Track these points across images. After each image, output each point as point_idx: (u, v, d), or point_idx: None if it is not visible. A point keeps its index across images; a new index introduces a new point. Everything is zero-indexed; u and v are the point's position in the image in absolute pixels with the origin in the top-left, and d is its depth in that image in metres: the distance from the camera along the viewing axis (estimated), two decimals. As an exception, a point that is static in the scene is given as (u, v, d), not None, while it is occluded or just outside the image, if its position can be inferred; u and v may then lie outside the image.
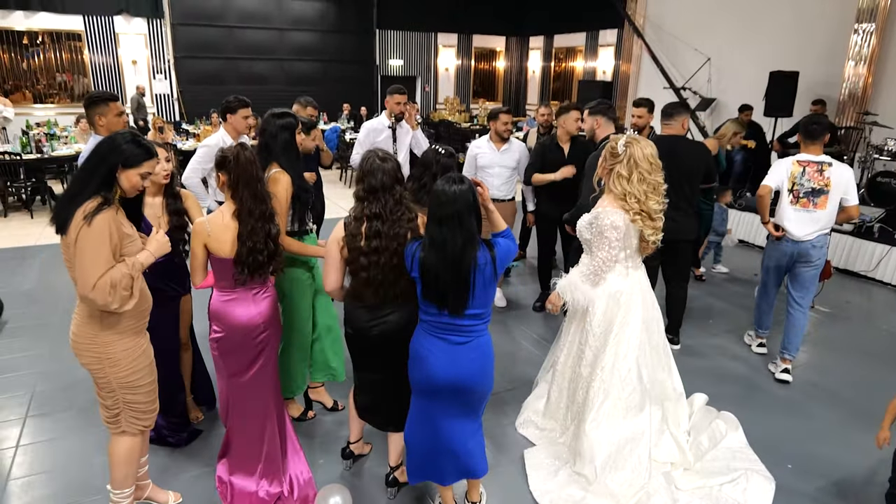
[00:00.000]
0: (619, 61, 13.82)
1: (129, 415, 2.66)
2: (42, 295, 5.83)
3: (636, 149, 3.01)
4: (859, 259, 6.87)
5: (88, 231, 2.29)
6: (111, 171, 2.38)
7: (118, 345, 2.53)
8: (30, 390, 4.13)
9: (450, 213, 2.39)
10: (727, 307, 5.88)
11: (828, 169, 4.16)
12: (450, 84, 17.54)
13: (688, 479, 3.23)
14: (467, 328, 2.53)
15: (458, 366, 2.54)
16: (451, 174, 2.52)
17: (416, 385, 2.70)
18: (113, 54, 12.95)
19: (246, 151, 2.84)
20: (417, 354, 2.62)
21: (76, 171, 2.50)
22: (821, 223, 4.22)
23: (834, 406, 4.14)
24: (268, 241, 2.83)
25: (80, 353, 2.54)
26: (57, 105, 12.63)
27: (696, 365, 4.65)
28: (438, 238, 2.41)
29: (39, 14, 12.05)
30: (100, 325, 2.48)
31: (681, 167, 4.37)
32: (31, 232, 7.98)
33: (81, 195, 2.34)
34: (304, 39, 14.93)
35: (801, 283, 4.41)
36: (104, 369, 2.54)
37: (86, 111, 3.76)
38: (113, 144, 2.40)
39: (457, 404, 2.64)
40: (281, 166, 3.28)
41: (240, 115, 4.33)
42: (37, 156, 8.93)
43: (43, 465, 3.40)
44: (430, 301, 2.50)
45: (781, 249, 4.38)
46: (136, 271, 2.46)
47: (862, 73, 8.67)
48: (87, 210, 2.29)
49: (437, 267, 2.42)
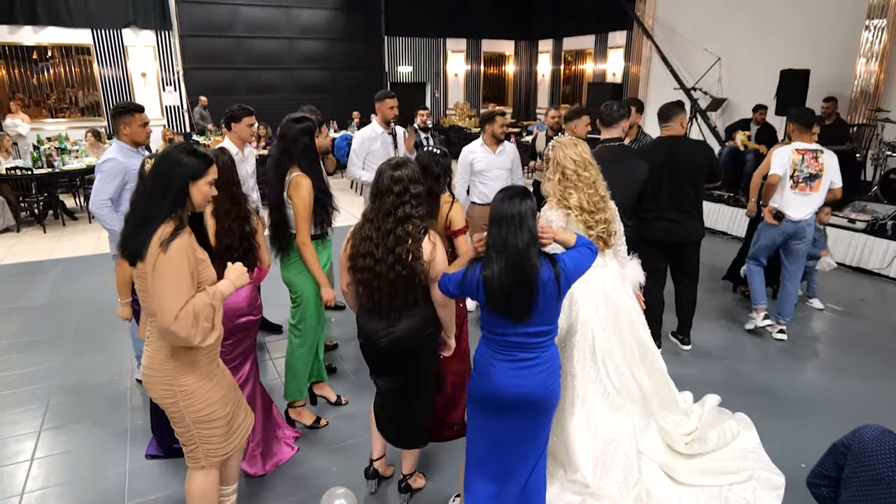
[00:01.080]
0: (628, 63, 13.78)
1: (205, 448, 2.50)
2: (55, 309, 5.83)
3: (558, 151, 3.13)
4: (873, 257, 6.78)
5: (166, 258, 2.14)
6: (183, 187, 2.25)
7: (192, 376, 2.38)
8: (44, 403, 4.13)
9: (511, 214, 2.30)
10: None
11: (821, 156, 4.79)
12: (459, 89, 17.54)
13: (693, 475, 3.22)
14: (534, 345, 2.44)
15: (525, 379, 2.43)
16: (510, 186, 2.43)
17: (478, 401, 2.55)
18: (122, 67, 13.03)
19: (224, 156, 3.07)
20: (481, 368, 2.50)
21: (142, 197, 2.33)
22: (814, 204, 4.82)
23: (845, 403, 4.08)
24: (242, 239, 3.09)
25: (153, 386, 2.40)
26: (68, 119, 12.72)
27: (706, 366, 4.62)
28: (499, 239, 2.31)
29: (48, 29, 12.13)
30: (176, 357, 2.34)
31: (682, 168, 4.40)
32: (44, 246, 8.02)
33: (154, 219, 2.20)
34: (313, 48, 14.98)
35: (794, 256, 4.98)
36: (177, 403, 2.39)
37: (112, 120, 4.08)
38: (174, 159, 2.26)
39: (522, 421, 2.52)
40: (301, 169, 3.35)
41: (244, 124, 4.38)
42: (48, 170, 8.99)
43: (58, 477, 3.40)
44: (495, 311, 2.37)
45: (781, 230, 4.87)
46: (217, 301, 2.34)
47: (874, 69, 8.58)
48: (162, 235, 2.15)
49: (499, 271, 2.30)
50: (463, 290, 2.44)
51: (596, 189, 3.12)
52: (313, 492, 3.19)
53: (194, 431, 2.45)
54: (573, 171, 3.08)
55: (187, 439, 2.49)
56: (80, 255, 7.50)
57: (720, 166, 4.69)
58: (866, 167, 8.46)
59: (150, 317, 2.33)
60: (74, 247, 7.89)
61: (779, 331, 5.06)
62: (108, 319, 5.17)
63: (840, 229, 7.15)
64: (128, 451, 3.59)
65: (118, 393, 4.24)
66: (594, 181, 3.12)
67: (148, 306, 2.31)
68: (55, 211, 9.32)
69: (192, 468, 2.56)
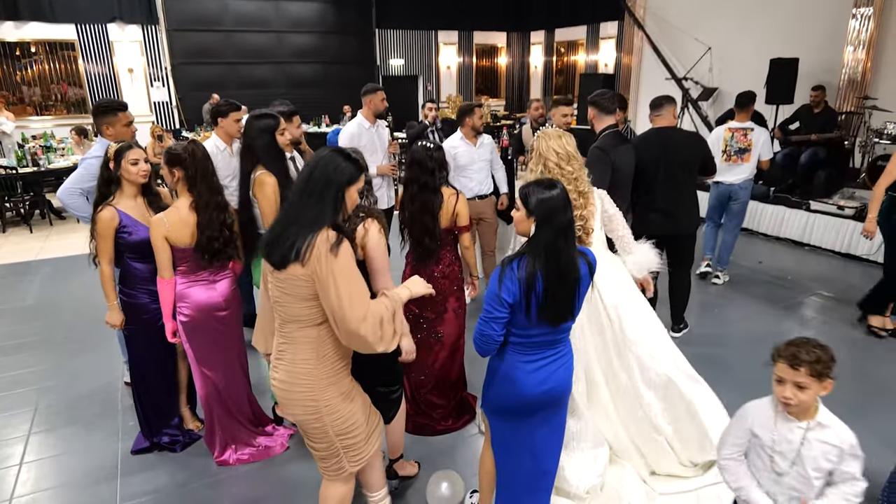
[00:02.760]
0: (620, 53, 13.72)
1: (349, 456, 2.41)
2: (44, 310, 5.75)
3: (541, 142, 3.10)
4: (861, 243, 6.77)
5: (340, 263, 2.08)
6: (341, 191, 2.17)
7: (333, 390, 2.28)
8: (33, 407, 4.07)
9: (565, 223, 2.22)
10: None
11: (750, 133, 5.78)
12: (452, 82, 17.42)
13: (667, 482, 3.16)
14: (560, 341, 2.41)
15: (553, 375, 2.39)
16: (542, 179, 2.35)
17: (505, 409, 2.46)
18: (108, 63, 12.83)
19: (200, 147, 3.11)
20: (506, 376, 2.39)
21: (297, 200, 2.17)
22: (745, 172, 5.85)
23: (836, 390, 4.01)
24: (223, 228, 3.13)
25: (293, 405, 2.29)
26: (53, 117, 12.53)
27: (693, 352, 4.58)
28: (553, 248, 2.21)
29: (30, 24, 11.91)
30: (321, 367, 2.25)
31: (676, 159, 4.43)
32: (31, 247, 7.92)
33: (315, 223, 2.10)
34: (304, 42, 14.83)
35: (731, 213, 6.06)
36: (321, 419, 2.29)
37: (94, 118, 3.88)
38: (336, 162, 2.18)
39: (548, 416, 2.48)
40: (265, 167, 3.35)
41: (231, 119, 4.32)
42: (33, 169, 8.86)
43: (48, 481, 3.35)
44: (539, 315, 2.25)
45: (719, 190, 6.03)
46: (398, 306, 2.28)
47: (861, 57, 8.59)
48: (329, 239, 2.08)
49: (551, 280, 2.20)
50: (500, 305, 2.25)
51: (576, 185, 3.06)
52: (305, 490, 3.16)
53: (337, 444, 2.36)
54: (555, 163, 3.05)
55: (329, 453, 2.39)
56: (68, 254, 7.38)
57: (713, 158, 4.69)
58: (854, 154, 8.47)
59: (290, 323, 2.23)
60: (62, 246, 7.78)
61: (714, 276, 6.21)
62: (98, 321, 5.05)
63: (829, 216, 7.20)
64: (119, 453, 3.54)
65: (108, 395, 4.18)
66: (576, 177, 3.07)
67: (287, 311, 2.21)
68: (42, 210, 9.20)
69: (331, 479, 2.48)
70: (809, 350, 1.98)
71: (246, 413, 3.51)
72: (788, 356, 1.99)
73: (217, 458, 3.41)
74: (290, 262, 2.09)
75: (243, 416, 3.48)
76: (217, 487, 3.27)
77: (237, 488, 3.26)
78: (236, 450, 3.44)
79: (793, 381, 1.98)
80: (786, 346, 2.03)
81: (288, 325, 2.24)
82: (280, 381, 2.28)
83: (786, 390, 2.00)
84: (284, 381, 2.26)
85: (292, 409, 2.30)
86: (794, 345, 2.01)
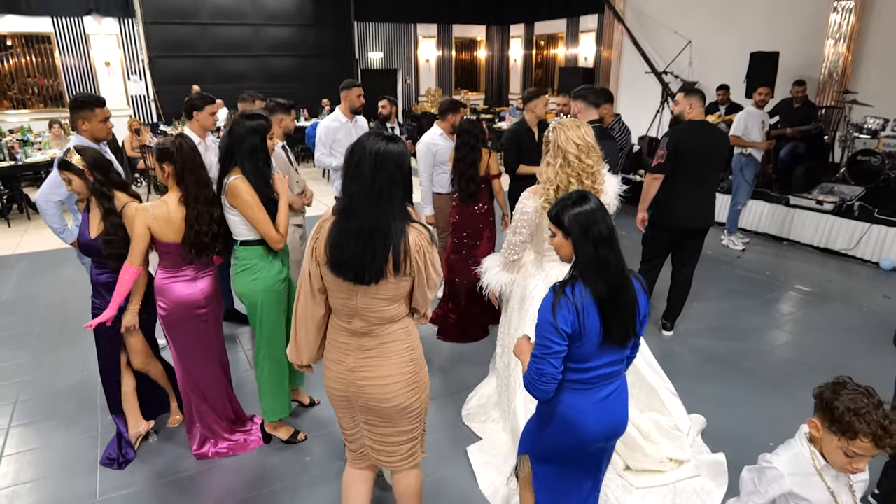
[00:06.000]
0: (600, 47, 13.78)
1: (422, 437, 2.47)
2: (21, 304, 5.71)
3: (559, 133, 2.93)
4: (840, 238, 6.88)
5: (433, 252, 2.20)
6: (409, 174, 2.18)
7: (424, 367, 2.37)
8: (12, 401, 4.05)
9: (605, 232, 2.02)
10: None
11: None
12: (431, 75, 17.41)
13: (643, 476, 3.16)
14: (619, 372, 2.18)
15: (615, 412, 2.19)
16: (569, 195, 2.14)
17: (558, 455, 2.26)
18: (85, 56, 12.67)
19: (187, 140, 3.06)
20: (563, 419, 2.14)
21: (361, 205, 2.07)
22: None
23: (813, 384, 4.11)
24: (212, 223, 3.08)
25: (397, 394, 2.24)
26: (30, 110, 12.36)
27: (678, 349, 4.69)
28: (600, 261, 2.00)
29: (6, 17, 11.73)
30: (419, 349, 2.31)
31: (712, 155, 4.43)
32: (9, 241, 7.83)
33: (398, 230, 2.08)
34: (281, 35, 14.73)
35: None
36: (420, 398, 2.32)
37: (70, 113, 3.77)
38: (396, 149, 2.11)
39: (604, 452, 2.32)
40: (244, 172, 3.03)
41: (206, 112, 4.34)
42: (10, 163, 8.73)
43: (28, 474, 3.35)
44: (609, 340, 2.03)
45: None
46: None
47: (841, 51, 8.66)
48: (423, 233, 2.16)
49: (608, 295, 2.00)
50: (557, 336, 1.98)
51: (594, 181, 2.94)
52: (283, 483, 3.20)
53: (422, 423, 2.42)
54: (575, 156, 2.88)
55: (414, 436, 2.40)
56: (46, 249, 7.31)
57: (729, 158, 4.74)
58: (834, 149, 8.56)
59: (383, 325, 2.21)
60: (40, 241, 7.69)
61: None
62: (76, 315, 5.10)
63: (808, 211, 7.25)
64: (98, 447, 3.54)
65: (87, 390, 4.16)
66: (594, 171, 2.94)
67: (381, 315, 2.18)
68: (20, 205, 9.08)
69: (409, 468, 2.44)
70: (888, 421, 1.69)
71: (225, 408, 3.50)
72: (874, 434, 1.69)
73: (195, 451, 3.41)
74: (388, 275, 2.08)
75: (223, 411, 3.48)
76: (196, 480, 3.28)
77: (216, 481, 3.28)
78: (215, 443, 3.44)
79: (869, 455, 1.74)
80: (856, 415, 1.72)
81: (379, 326, 2.20)
82: (381, 377, 2.21)
83: (861, 463, 1.75)
84: (386, 376, 2.21)
85: (396, 400, 2.24)
86: (866, 412, 1.71)
